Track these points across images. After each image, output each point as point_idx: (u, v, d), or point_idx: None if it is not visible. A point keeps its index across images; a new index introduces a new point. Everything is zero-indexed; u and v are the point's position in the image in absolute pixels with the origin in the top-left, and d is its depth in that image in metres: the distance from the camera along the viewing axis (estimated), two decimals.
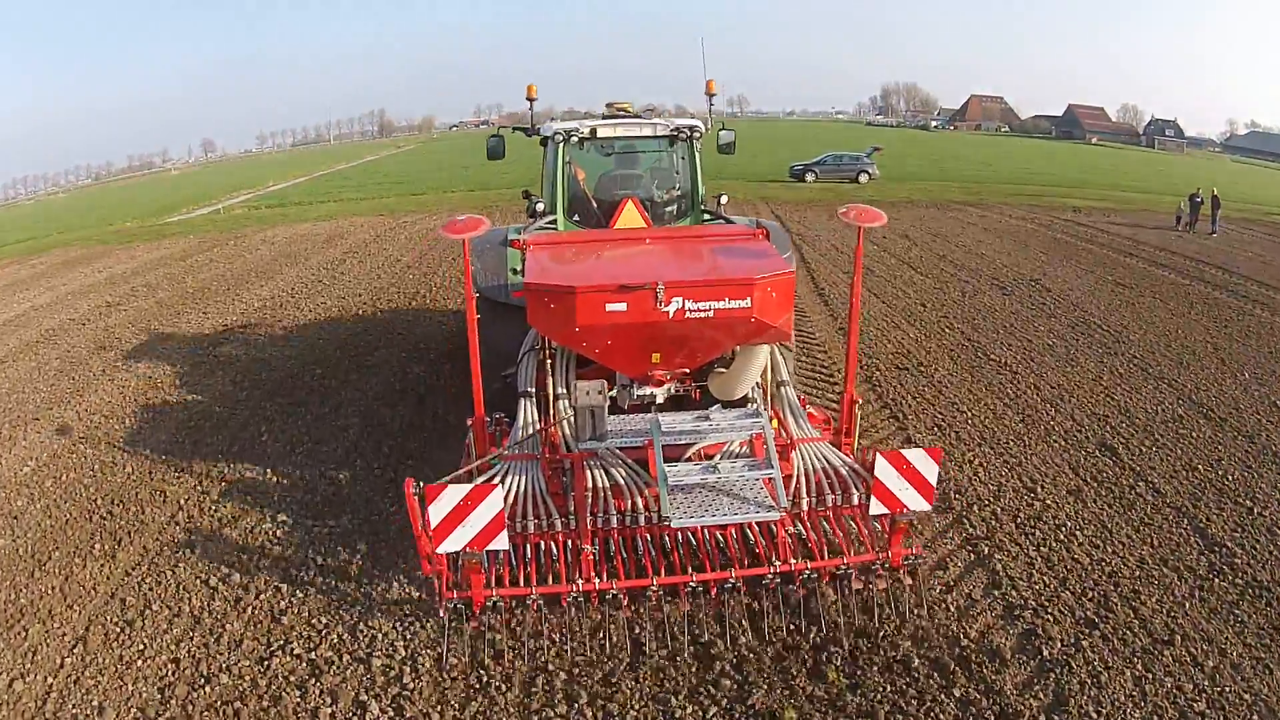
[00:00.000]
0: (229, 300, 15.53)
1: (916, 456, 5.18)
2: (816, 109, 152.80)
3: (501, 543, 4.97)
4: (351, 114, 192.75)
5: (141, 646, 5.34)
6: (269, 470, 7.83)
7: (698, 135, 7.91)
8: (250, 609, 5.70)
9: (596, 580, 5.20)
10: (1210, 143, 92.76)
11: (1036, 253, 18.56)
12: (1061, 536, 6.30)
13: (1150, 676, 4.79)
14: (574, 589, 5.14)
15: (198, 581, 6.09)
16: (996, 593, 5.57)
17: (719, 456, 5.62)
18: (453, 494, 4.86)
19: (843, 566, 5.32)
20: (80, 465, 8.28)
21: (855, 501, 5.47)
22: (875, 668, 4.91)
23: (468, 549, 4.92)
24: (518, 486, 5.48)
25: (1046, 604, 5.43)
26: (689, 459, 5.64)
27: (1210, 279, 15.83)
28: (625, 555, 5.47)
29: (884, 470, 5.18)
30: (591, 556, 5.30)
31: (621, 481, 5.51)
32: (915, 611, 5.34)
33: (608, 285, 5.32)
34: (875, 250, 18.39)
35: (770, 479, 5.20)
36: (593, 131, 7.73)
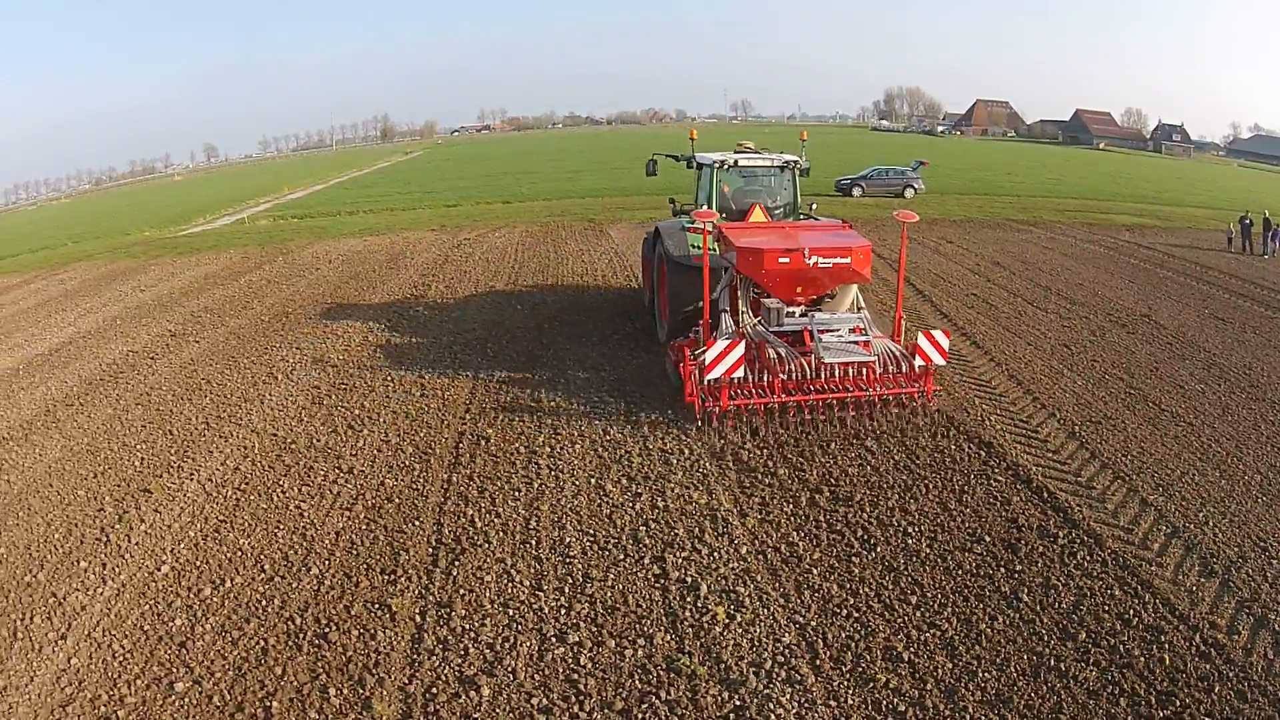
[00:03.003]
0: (321, 328, 14.81)
1: (938, 336, 10.01)
2: (818, 113, 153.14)
3: (740, 372, 9.57)
4: (354, 118, 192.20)
5: None
6: (488, 561, 6.92)
7: (796, 165, 13.00)
8: None
9: (783, 396, 9.91)
10: (1214, 146, 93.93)
11: (1123, 280, 18.88)
12: None
13: None
14: (772, 400, 9.82)
15: None
16: None
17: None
18: (721, 344, 9.54)
19: (901, 395, 10.14)
20: (237, 562, 6.73)
21: (905, 370, 10.08)
22: None
23: (724, 375, 9.52)
24: None
25: None
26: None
27: None
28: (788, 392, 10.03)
29: (923, 342, 9.98)
30: (780, 383, 9.84)
31: (784, 354, 9.91)
32: (933, 407, 10.23)
33: (780, 248, 10.18)
34: (978, 280, 18.73)
35: (868, 342, 10.10)
36: (735, 161, 12.79)
